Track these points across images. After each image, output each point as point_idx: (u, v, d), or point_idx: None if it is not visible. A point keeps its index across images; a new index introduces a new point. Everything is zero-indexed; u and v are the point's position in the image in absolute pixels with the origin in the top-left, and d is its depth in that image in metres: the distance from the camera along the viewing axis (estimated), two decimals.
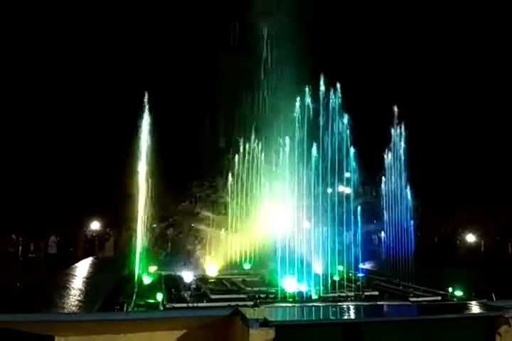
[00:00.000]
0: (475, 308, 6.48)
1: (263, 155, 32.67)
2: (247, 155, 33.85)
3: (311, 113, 25.66)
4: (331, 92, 25.82)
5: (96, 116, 39.03)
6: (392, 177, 28.83)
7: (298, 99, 26.38)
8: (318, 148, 24.98)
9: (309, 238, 24.33)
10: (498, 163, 37.84)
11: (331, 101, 25.75)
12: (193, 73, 38.95)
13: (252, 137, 33.39)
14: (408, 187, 27.80)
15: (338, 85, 25.85)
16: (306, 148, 25.12)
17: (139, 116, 26.71)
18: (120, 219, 31.30)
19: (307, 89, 26.10)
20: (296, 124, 25.73)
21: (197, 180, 36.92)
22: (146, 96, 26.54)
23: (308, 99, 25.94)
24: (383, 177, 29.64)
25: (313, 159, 24.94)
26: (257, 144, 33.28)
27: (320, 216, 24.94)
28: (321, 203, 24.91)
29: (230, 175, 34.49)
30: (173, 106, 37.83)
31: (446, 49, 41.00)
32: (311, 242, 24.18)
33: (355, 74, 33.45)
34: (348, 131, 26.01)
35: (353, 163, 26.00)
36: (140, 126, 26.67)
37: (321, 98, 25.69)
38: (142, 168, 26.14)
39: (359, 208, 25.97)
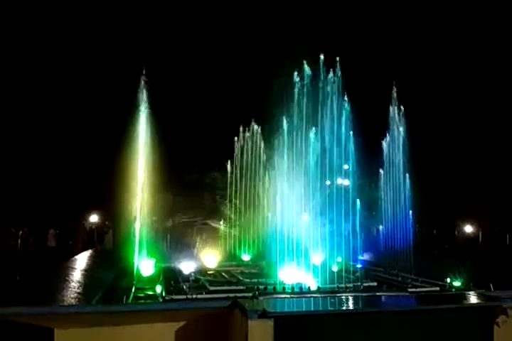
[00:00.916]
0: (473, 298, 6.49)
1: (263, 143, 32.45)
2: (246, 143, 33.60)
3: (311, 103, 25.41)
4: (330, 76, 25.55)
5: (95, 114, 39.08)
6: (391, 169, 28.81)
7: (296, 88, 26.04)
8: (317, 140, 24.87)
9: (308, 230, 24.32)
10: (497, 155, 37.86)
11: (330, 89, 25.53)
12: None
13: (252, 123, 33.12)
14: (407, 179, 27.78)
15: (340, 77, 25.65)
16: (305, 139, 25.02)
17: (137, 111, 26.79)
18: (119, 211, 31.32)
19: (306, 79, 25.80)
20: (295, 110, 25.42)
21: (194, 172, 36.82)
22: (145, 96, 26.84)
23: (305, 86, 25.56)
24: (381, 169, 29.62)
25: (312, 151, 24.84)
26: (258, 131, 32.98)
27: (319, 208, 24.91)
28: (320, 195, 24.86)
29: (228, 165, 34.45)
30: (172, 101, 37.79)
31: (446, 35, 40.58)
32: (309, 234, 24.18)
33: (354, 63, 32.99)
34: (347, 122, 25.76)
35: (352, 155, 25.88)
36: (138, 120, 26.69)
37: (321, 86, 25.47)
38: (141, 160, 26.17)
39: (358, 200, 25.96)
